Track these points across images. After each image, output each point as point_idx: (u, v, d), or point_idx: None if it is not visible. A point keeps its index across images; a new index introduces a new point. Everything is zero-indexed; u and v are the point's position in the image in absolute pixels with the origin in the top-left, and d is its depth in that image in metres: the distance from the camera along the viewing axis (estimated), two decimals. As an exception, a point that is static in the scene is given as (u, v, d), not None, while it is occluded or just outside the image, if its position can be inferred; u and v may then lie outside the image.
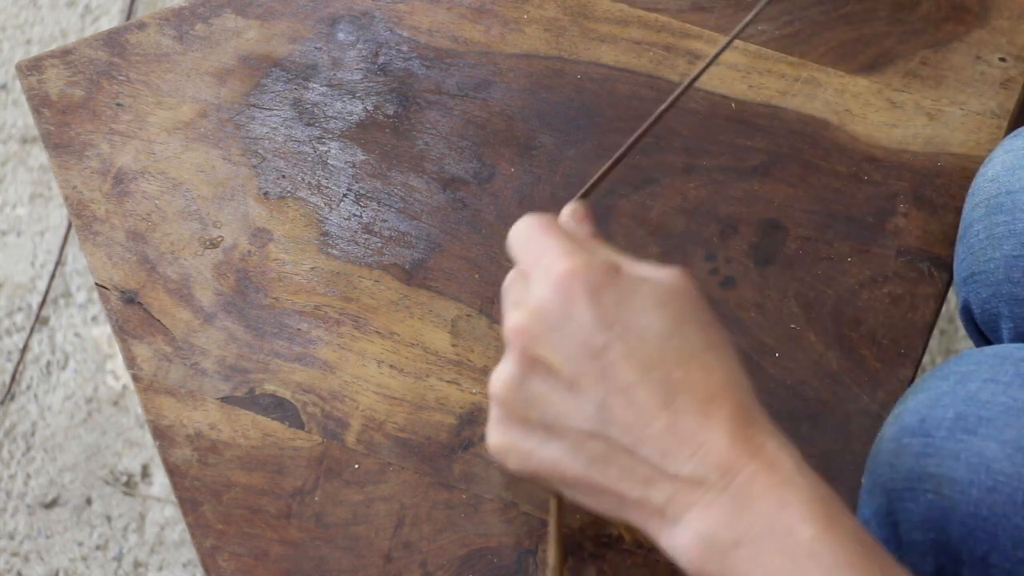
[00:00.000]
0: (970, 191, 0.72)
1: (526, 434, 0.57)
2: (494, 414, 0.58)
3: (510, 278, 0.60)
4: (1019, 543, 0.58)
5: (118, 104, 0.79)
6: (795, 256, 0.75)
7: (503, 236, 0.76)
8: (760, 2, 0.71)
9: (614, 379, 0.54)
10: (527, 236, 0.59)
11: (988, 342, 0.72)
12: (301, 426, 0.71)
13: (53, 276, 1.39)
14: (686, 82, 0.67)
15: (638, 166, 0.77)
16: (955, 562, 0.60)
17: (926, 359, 1.31)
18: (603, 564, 0.68)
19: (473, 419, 0.72)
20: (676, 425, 0.54)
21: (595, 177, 0.67)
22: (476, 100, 0.79)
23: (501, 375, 0.57)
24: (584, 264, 0.56)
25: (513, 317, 0.57)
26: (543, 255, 0.57)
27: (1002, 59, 0.80)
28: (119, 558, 1.28)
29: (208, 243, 0.76)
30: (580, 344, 0.55)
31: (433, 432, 0.71)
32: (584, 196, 0.66)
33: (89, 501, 1.30)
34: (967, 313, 0.72)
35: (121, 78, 0.80)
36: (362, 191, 0.77)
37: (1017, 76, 0.80)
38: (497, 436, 0.58)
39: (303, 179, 0.77)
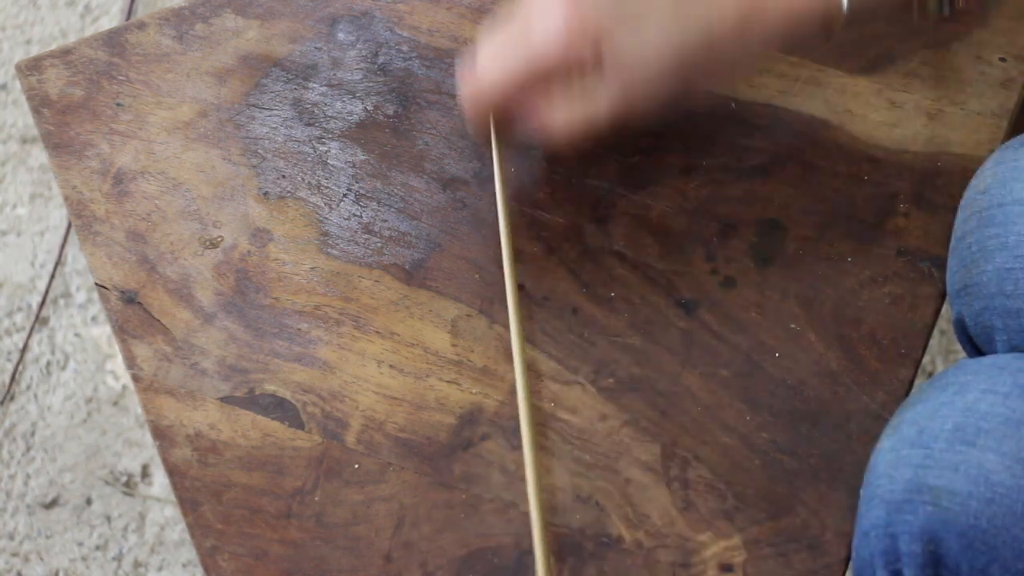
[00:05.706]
0: (961, 203, 0.72)
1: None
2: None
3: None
4: (1019, 555, 0.58)
5: (118, 104, 0.79)
6: (795, 256, 0.75)
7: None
8: None
9: None
10: None
11: (983, 355, 0.72)
12: (301, 426, 0.71)
13: (53, 276, 1.39)
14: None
15: (638, 166, 0.77)
16: (955, 574, 0.60)
17: (926, 359, 1.31)
18: (603, 564, 0.68)
19: (473, 419, 0.72)
20: None
21: None
22: (476, 100, 0.79)
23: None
24: None
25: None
26: None
27: (1002, 59, 0.80)
28: (119, 558, 1.28)
29: (208, 243, 0.76)
30: None
31: (433, 432, 0.71)
32: None
33: (89, 501, 1.30)
34: (960, 326, 0.72)
35: (121, 78, 0.80)
36: (362, 191, 0.77)
37: (1017, 76, 0.80)
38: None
39: (303, 179, 0.77)
